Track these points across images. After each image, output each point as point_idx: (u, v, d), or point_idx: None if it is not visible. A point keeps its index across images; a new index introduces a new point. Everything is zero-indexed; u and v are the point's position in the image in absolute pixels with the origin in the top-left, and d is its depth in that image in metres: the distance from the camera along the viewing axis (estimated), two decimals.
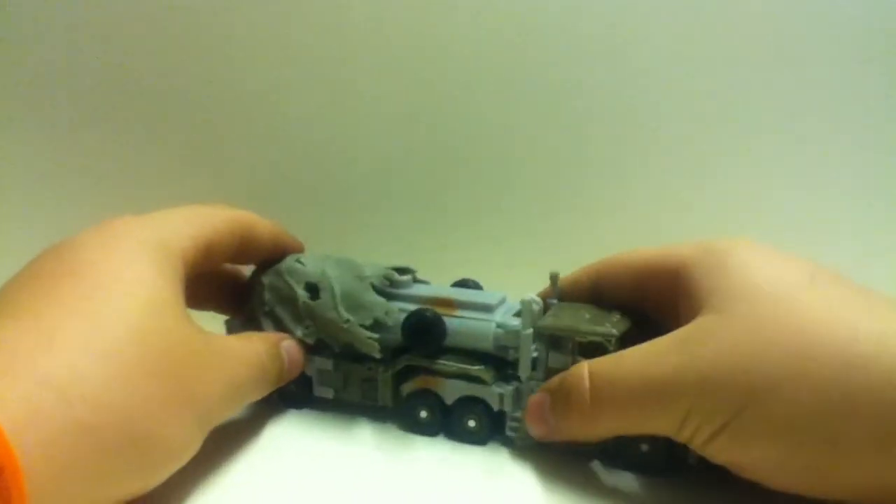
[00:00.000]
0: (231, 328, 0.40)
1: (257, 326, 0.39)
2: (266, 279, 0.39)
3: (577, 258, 0.42)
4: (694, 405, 0.27)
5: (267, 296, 0.38)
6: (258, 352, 0.34)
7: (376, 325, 0.36)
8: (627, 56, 0.45)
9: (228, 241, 0.35)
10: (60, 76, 0.45)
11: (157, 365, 0.25)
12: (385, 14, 0.44)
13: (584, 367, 0.31)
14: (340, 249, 0.41)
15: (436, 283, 0.40)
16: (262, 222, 0.37)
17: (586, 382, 0.30)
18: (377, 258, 0.40)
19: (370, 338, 0.36)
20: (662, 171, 0.46)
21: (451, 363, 0.36)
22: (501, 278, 0.40)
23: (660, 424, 0.29)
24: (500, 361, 0.36)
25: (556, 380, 0.32)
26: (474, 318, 0.35)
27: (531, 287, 0.37)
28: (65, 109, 0.46)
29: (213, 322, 0.42)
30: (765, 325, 0.26)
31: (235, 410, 0.32)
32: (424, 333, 0.35)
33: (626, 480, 0.33)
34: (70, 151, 0.47)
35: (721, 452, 0.28)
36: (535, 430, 0.33)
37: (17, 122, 0.46)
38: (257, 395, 0.34)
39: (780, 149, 0.44)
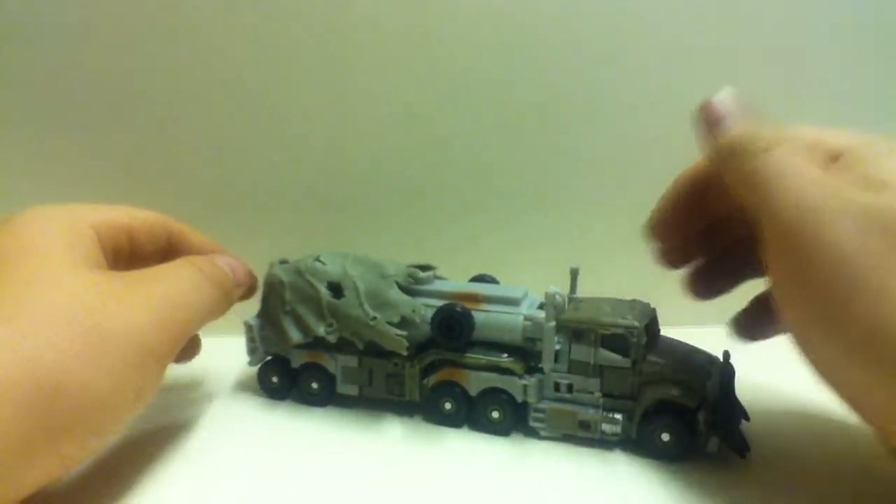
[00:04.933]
0: (251, 328, 0.41)
1: (277, 325, 0.39)
2: (286, 278, 0.39)
3: (586, 253, 0.43)
4: None
5: (288, 295, 0.39)
6: (189, 274, 0.33)
7: (404, 323, 0.37)
8: (634, 52, 0.46)
9: (151, 230, 0.35)
10: (61, 76, 0.44)
11: (70, 327, 0.26)
12: (387, 13, 0.45)
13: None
14: (349, 249, 0.41)
15: (453, 280, 0.41)
16: (187, 228, 0.38)
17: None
18: (386, 257, 0.40)
19: (398, 335, 0.36)
20: (669, 166, 0.48)
21: (479, 356, 0.37)
22: (513, 274, 0.42)
23: None
24: (522, 354, 0.37)
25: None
26: (501, 312, 0.37)
27: (541, 281, 0.38)
28: (64, 110, 0.45)
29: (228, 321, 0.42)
30: None
31: (181, 340, 0.32)
32: (455, 328, 0.36)
33: (647, 470, 0.34)
34: (69, 152, 0.46)
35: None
36: (708, 129, 0.30)
37: (17, 123, 0.45)
38: (207, 313, 0.34)
39: None
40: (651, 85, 0.47)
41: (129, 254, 0.35)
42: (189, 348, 0.38)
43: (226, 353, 0.42)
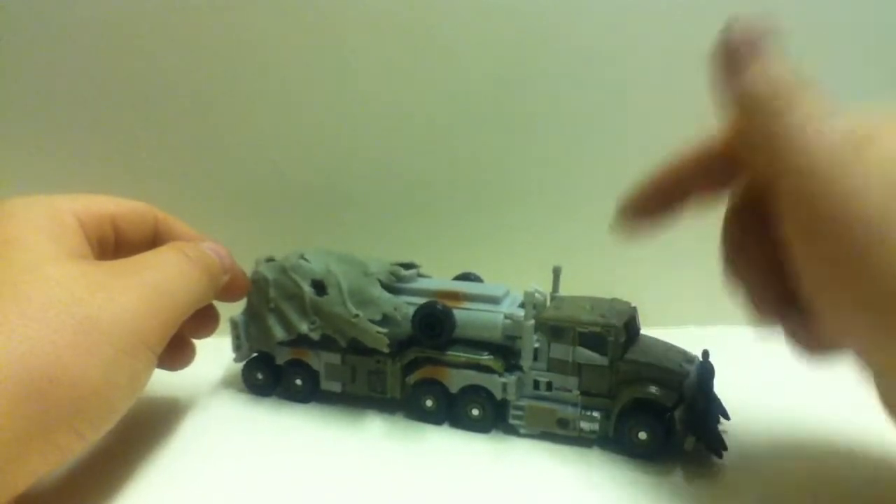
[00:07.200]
0: (236, 325, 0.41)
1: (261, 322, 0.40)
2: (270, 275, 0.39)
3: (573, 253, 0.43)
4: None
5: (272, 292, 0.39)
6: (176, 260, 0.33)
7: (385, 321, 0.37)
8: (628, 56, 0.46)
9: (135, 218, 0.35)
10: (62, 76, 0.45)
11: (56, 319, 0.27)
12: (381, 13, 0.45)
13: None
14: (338, 247, 0.41)
15: (436, 278, 0.41)
16: (172, 217, 0.38)
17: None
18: (374, 255, 0.40)
19: (379, 332, 0.37)
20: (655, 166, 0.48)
21: (460, 354, 0.37)
22: (498, 272, 0.42)
23: None
24: (502, 352, 0.37)
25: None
26: (482, 310, 0.37)
27: (526, 280, 0.39)
28: (64, 109, 0.45)
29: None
30: None
31: (171, 327, 0.32)
32: (436, 326, 0.36)
33: (623, 466, 0.34)
34: (68, 151, 0.46)
35: None
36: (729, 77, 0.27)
37: (18, 122, 0.45)
38: (195, 299, 0.34)
39: None
40: (636, 85, 0.47)
41: (114, 242, 0.35)
42: (184, 354, 0.38)
43: (211, 350, 0.42)
